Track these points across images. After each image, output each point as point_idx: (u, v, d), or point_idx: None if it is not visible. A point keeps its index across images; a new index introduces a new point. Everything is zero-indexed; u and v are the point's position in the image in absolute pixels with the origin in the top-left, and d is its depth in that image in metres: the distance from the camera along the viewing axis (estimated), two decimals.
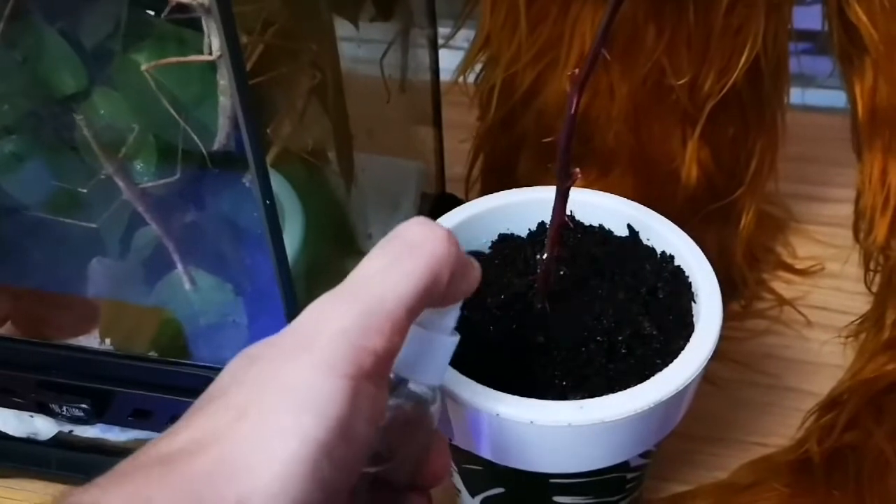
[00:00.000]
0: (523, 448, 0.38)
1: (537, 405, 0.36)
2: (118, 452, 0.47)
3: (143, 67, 0.34)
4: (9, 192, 0.41)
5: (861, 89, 0.49)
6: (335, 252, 0.54)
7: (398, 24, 0.55)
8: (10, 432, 0.51)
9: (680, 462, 0.53)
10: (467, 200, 0.62)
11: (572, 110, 0.34)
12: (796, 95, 0.57)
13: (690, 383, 0.38)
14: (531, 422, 0.36)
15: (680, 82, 0.49)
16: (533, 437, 0.37)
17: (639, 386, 0.37)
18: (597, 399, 0.37)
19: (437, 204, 0.67)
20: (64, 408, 0.44)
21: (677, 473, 0.52)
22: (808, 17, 0.54)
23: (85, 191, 0.40)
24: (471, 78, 0.60)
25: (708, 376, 0.40)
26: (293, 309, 0.39)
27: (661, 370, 0.38)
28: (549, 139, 0.36)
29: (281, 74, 0.38)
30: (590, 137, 0.53)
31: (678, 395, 0.37)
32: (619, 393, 0.37)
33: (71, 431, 0.50)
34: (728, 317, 0.40)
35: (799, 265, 0.65)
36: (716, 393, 0.56)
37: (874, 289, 0.57)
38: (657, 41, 0.47)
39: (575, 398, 0.37)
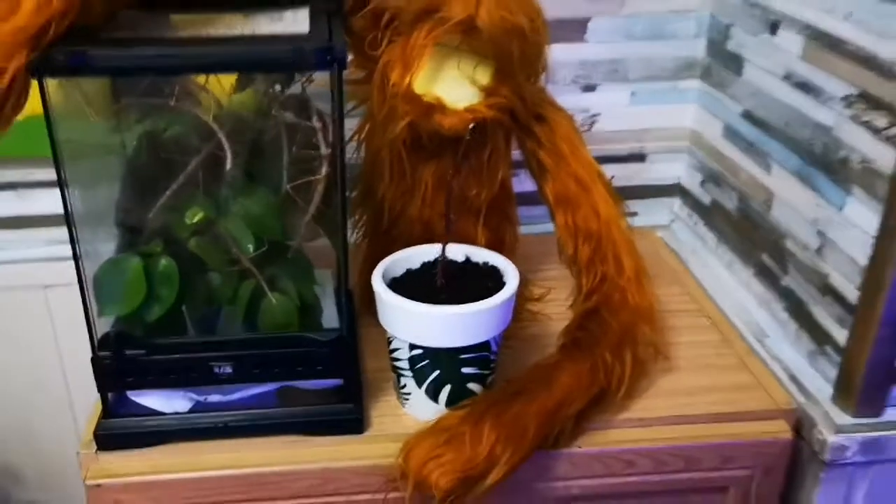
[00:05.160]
0: (445, 331, 0.90)
1: (446, 307, 0.89)
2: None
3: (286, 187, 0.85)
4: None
5: (549, 188, 1.07)
6: None
7: None
8: (159, 409, 0.94)
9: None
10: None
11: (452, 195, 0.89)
12: None
13: (510, 298, 0.92)
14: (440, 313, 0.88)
15: (472, 193, 1.05)
16: (443, 323, 0.89)
17: (489, 298, 0.91)
18: (471, 303, 0.90)
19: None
20: (221, 367, 0.90)
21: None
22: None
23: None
24: None
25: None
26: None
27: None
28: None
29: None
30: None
31: (508, 301, 0.91)
32: (481, 301, 0.90)
33: (197, 403, 0.94)
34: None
35: (537, 295, 1.21)
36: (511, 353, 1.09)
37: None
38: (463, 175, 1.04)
39: None
